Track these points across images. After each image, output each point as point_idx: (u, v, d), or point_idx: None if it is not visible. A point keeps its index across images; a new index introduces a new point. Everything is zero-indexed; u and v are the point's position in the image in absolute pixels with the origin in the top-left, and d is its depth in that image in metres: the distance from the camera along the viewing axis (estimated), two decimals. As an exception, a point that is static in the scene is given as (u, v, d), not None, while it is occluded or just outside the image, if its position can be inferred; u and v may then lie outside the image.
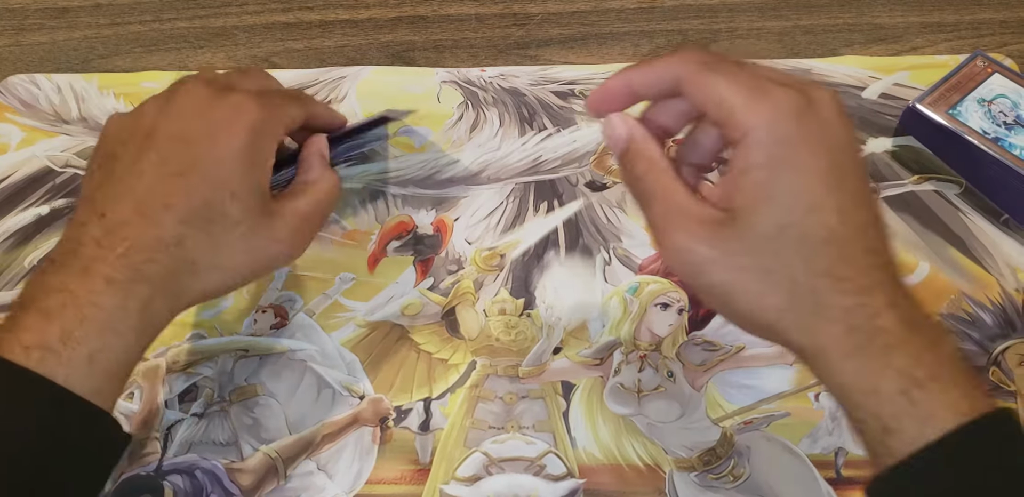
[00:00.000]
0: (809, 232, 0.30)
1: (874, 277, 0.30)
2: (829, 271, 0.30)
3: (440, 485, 0.43)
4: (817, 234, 0.30)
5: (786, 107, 0.30)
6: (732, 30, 0.62)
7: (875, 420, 0.29)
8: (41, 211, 0.54)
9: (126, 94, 0.60)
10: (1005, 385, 0.45)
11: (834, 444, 0.43)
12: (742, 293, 0.31)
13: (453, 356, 0.48)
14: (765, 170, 0.30)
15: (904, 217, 0.52)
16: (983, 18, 0.61)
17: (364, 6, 0.65)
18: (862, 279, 0.30)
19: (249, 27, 0.64)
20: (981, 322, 0.47)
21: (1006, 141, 0.50)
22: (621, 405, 0.45)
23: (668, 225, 0.32)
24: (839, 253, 0.30)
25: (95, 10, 0.65)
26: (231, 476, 0.43)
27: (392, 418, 0.45)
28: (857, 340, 0.29)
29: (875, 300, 0.30)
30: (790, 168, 0.30)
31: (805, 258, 0.30)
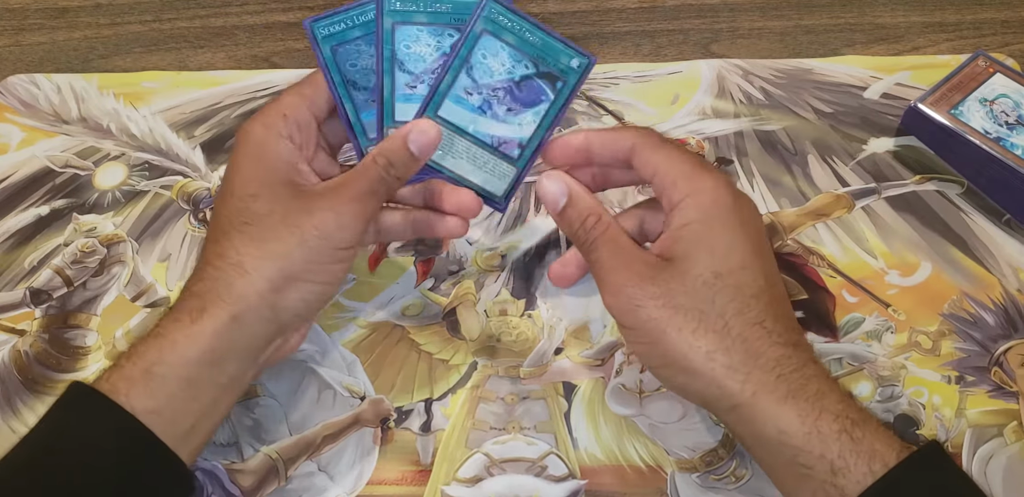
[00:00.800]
0: (743, 284, 0.33)
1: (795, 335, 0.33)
2: (760, 322, 0.32)
3: (441, 486, 0.43)
4: (749, 288, 0.33)
5: (724, 181, 0.35)
6: (733, 30, 0.62)
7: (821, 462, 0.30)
8: (41, 211, 0.54)
9: (126, 94, 0.60)
10: (1007, 386, 0.45)
11: (836, 445, 0.43)
12: (676, 330, 0.32)
13: (454, 357, 0.48)
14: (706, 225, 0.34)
15: (906, 217, 0.51)
16: (985, 18, 0.61)
17: (364, 6, 0.64)
18: (788, 334, 0.33)
19: (249, 27, 0.64)
20: (983, 322, 0.47)
21: (1008, 141, 0.50)
22: (623, 406, 0.45)
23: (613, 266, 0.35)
24: (768, 308, 0.33)
25: (95, 10, 0.65)
26: (231, 477, 0.43)
27: (393, 419, 0.45)
28: (790, 386, 0.31)
29: (800, 354, 0.32)
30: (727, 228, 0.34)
31: (738, 307, 0.32)
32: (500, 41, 0.38)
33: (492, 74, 0.38)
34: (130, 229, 0.53)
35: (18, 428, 0.45)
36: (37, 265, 0.52)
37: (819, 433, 0.30)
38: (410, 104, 0.39)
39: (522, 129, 0.39)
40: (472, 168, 0.40)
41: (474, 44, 0.38)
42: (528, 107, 0.38)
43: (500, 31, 0.37)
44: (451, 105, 0.39)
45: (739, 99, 0.57)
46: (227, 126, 0.58)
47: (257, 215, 0.36)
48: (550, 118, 0.39)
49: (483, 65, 0.38)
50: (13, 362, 0.48)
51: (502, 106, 0.38)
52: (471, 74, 0.38)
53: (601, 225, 0.36)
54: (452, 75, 0.38)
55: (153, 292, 0.51)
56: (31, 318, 0.50)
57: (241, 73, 0.61)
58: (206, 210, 0.54)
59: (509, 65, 0.38)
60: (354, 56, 0.38)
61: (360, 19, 0.38)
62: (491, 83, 0.38)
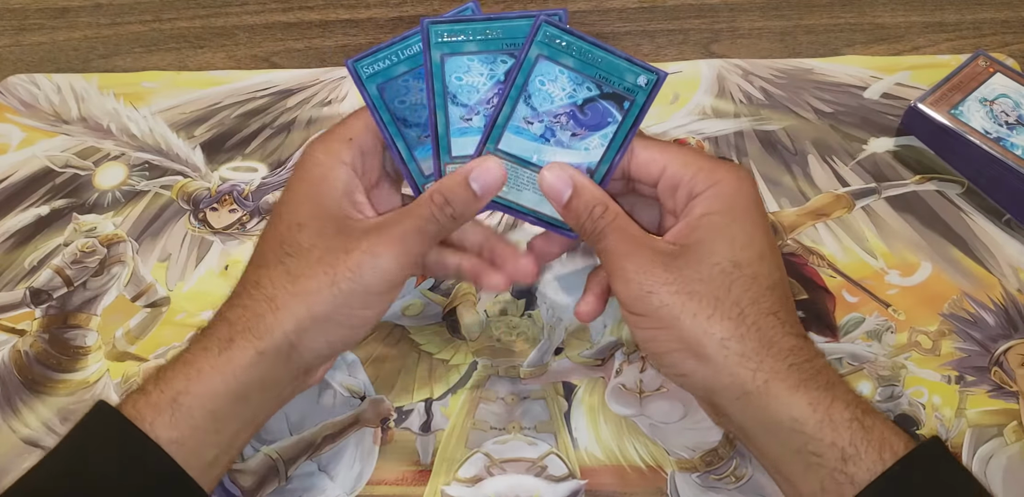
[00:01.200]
0: (759, 274, 0.33)
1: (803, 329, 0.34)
2: (774, 312, 0.33)
3: (441, 486, 0.43)
4: (766, 278, 0.33)
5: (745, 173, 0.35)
6: (733, 30, 0.62)
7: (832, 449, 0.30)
8: (41, 211, 0.54)
9: (126, 94, 0.60)
10: (1007, 385, 0.45)
11: (836, 445, 0.43)
12: (690, 316, 0.32)
13: (454, 357, 0.48)
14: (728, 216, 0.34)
15: (906, 217, 0.51)
16: (985, 18, 0.61)
17: (365, 6, 0.65)
18: (798, 327, 0.33)
19: (249, 27, 0.64)
20: (983, 322, 0.47)
21: (1008, 141, 0.50)
22: (623, 406, 0.45)
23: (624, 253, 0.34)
24: (780, 300, 0.33)
25: (95, 10, 0.65)
26: (232, 477, 0.43)
27: (393, 419, 0.45)
28: (801, 375, 0.31)
29: (809, 346, 0.33)
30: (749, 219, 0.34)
31: (753, 297, 0.32)
32: (558, 65, 0.35)
33: (552, 100, 0.36)
34: (130, 229, 0.53)
35: (18, 428, 0.45)
36: (37, 265, 0.52)
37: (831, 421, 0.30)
38: (467, 137, 0.37)
39: (589, 154, 0.36)
40: (540, 199, 0.37)
41: (530, 71, 0.35)
42: (595, 131, 0.36)
43: (557, 54, 0.35)
44: (511, 136, 0.36)
45: (739, 99, 0.57)
46: (227, 126, 0.58)
47: (300, 248, 0.35)
48: (619, 140, 0.36)
49: (542, 92, 0.35)
50: (13, 362, 0.48)
51: (566, 132, 0.36)
52: (530, 102, 0.36)
53: (609, 214, 0.35)
54: (510, 106, 0.35)
55: (153, 292, 0.51)
56: (31, 318, 0.50)
57: (241, 73, 0.61)
58: (206, 210, 0.54)
59: (570, 89, 0.35)
60: (403, 92, 0.36)
61: (405, 53, 0.36)
62: (552, 110, 0.36)
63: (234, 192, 0.55)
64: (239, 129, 0.58)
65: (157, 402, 0.33)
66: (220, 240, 0.53)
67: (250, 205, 0.54)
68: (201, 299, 0.50)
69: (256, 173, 0.56)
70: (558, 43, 0.35)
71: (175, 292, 0.51)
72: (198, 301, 0.50)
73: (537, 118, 0.36)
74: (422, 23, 0.35)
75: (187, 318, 0.49)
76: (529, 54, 0.35)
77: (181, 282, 0.51)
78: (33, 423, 0.46)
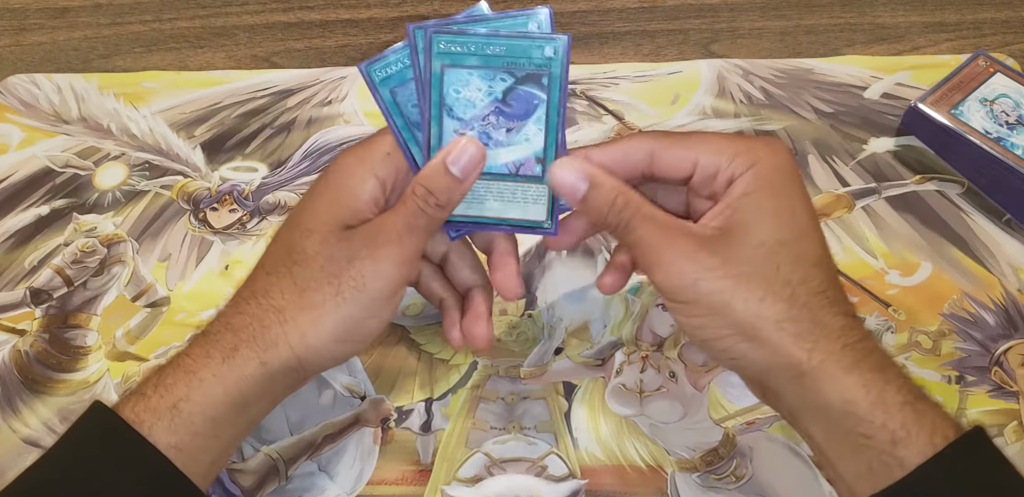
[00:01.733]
0: (806, 252, 0.32)
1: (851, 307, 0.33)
2: (823, 291, 0.32)
3: (442, 486, 0.43)
4: (811, 256, 0.32)
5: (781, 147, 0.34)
6: (733, 30, 0.62)
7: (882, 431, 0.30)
8: (41, 211, 0.54)
9: (126, 94, 0.60)
10: (1007, 385, 0.45)
11: (836, 445, 0.43)
12: (742, 300, 0.31)
13: (454, 357, 0.48)
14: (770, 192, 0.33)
15: (906, 217, 0.51)
16: (985, 18, 0.61)
17: (365, 6, 0.65)
18: (846, 305, 0.32)
19: (250, 27, 0.64)
20: (983, 322, 0.47)
21: (1008, 141, 0.50)
22: (623, 406, 0.45)
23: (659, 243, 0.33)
24: (827, 278, 0.32)
25: (95, 10, 0.65)
26: (232, 477, 0.43)
27: (393, 419, 0.45)
28: (854, 356, 0.31)
29: (860, 325, 0.32)
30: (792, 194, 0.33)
31: (802, 275, 0.32)
32: (464, 68, 0.34)
33: (474, 104, 0.35)
34: (130, 229, 0.53)
35: (19, 428, 0.45)
36: (37, 265, 0.52)
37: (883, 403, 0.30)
38: None
39: (532, 143, 0.35)
40: (503, 205, 0.36)
41: (441, 84, 0.34)
42: (526, 118, 0.35)
43: (459, 59, 0.34)
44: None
45: (739, 99, 0.57)
46: (227, 126, 0.58)
47: (305, 255, 0.34)
48: (554, 118, 0.35)
49: (460, 100, 0.34)
50: (13, 362, 0.48)
51: (500, 130, 0.35)
52: (453, 115, 0.35)
53: (632, 203, 0.33)
54: (436, 125, 0.35)
55: (153, 292, 0.51)
56: (31, 318, 0.50)
57: (241, 73, 0.61)
58: (206, 210, 0.54)
59: (486, 87, 0.34)
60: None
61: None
62: (478, 114, 0.35)
63: (234, 192, 0.55)
64: (239, 129, 0.58)
65: (157, 407, 0.33)
66: (220, 240, 0.53)
67: (250, 205, 0.54)
68: (201, 299, 0.50)
69: (256, 173, 0.56)
70: (454, 48, 0.34)
71: (175, 292, 0.51)
72: (198, 301, 0.50)
73: (467, 127, 0.35)
74: (425, 31, 0.34)
75: (187, 318, 0.49)
76: (433, 69, 0.34)
77: (181, 282, 0.51)
78: (33, 423, 0.46)
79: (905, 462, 0.29)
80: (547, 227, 0.37)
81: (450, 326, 0.39)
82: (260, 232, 0.53)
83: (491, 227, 0.37)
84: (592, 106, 0.57)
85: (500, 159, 0.35)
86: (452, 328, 0.39)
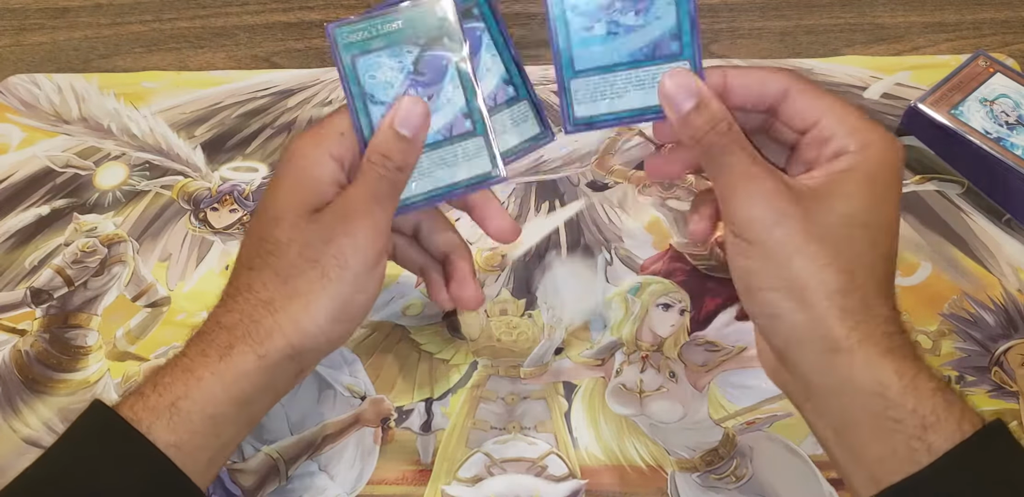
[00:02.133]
0: (879, 241, 0.32)
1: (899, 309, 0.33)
2: (881, 282, 0.32)
3: (442, 486, 0.43)
4: (883, 248, 0.32)
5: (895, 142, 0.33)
6: (733, 30, 0.62)
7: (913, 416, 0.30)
8: (41, 211, 0.54)
9: (126, 94, 0.60)
10: (1007, 385, 0.45)
11: (836, 444, 0.43)
12: (807, 258, 0.31)
13: (454, 357, 0.48)
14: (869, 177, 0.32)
15: (906, 217, 0.51)
16: (985, 18, 0.61)
17: (365, 5, 0.65)
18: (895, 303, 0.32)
19: (250, 27, 0.64)
20: (983, 322, 0.47)
21: (1008, 141, 0.50)
22: (623, 406, 0.45)
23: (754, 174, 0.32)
24: (888, 274, 0.32)
25: (95, 10, 0.65)
26: (232, 477, 0.43)
27: (393, 418, 0.45)
28: (892, 344, 0.31)
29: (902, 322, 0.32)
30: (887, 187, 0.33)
31: (870, 260, 0.32)
32: (372, 53, 0.35)
33: (392, 84, 0.35)
34: (131, 229, 0.53)
35: (19, 428, 0.45)
36: (38, 265, 0.52)
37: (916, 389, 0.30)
38: None
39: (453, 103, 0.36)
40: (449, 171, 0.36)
41: (355, 75, 0.35)
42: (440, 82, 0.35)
43: (365, 45, 0.35)
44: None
45: (739, 99, 0.57)
46: (227, 126, 0.58)
47: (279, 244, 0.34)
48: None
49: (378, 84, 0.35)
50: (14, 362, 0.48)
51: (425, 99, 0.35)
52: (377, 100, 0.35)
53: (736, 131, 0.33)
54: (364, 117, 0.35)
55: (154, 292, 0.51)
56: (32, 318, 0.50)
57: (241, 73, 0.61)
58: (206, 210, 0.54)
59: (396, 65, 0.35)
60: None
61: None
62: (397, 92, 0.35)
63: (235, 192, 0.55)
64: (239, 129, 0.58)
65: (155, 406, 0.33)
66: (221, 240, 0.53)
67: (251, 205, 0.54)
68: (202, 299, 0.50)
69: (256, 173, 0.56)
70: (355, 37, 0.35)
71: (176, 292, 0.51)
72: (199, 301, 0.50)
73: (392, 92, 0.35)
74: (327, 29, 0.35)
75: (188, 318, 0.49)
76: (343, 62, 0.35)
77: (182, 282, 0.51)
78: (34, 423, 0.46)
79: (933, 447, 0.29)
80: (495, 175, 0.36)
81: (436, 291, 0.40)
82: (260, 232, 0.53)
83: (445, 196, 0.37)
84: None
85: (433, 128, 0.36)
86: (439, 292, 0.40)
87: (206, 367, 0.33)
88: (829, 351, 0.31)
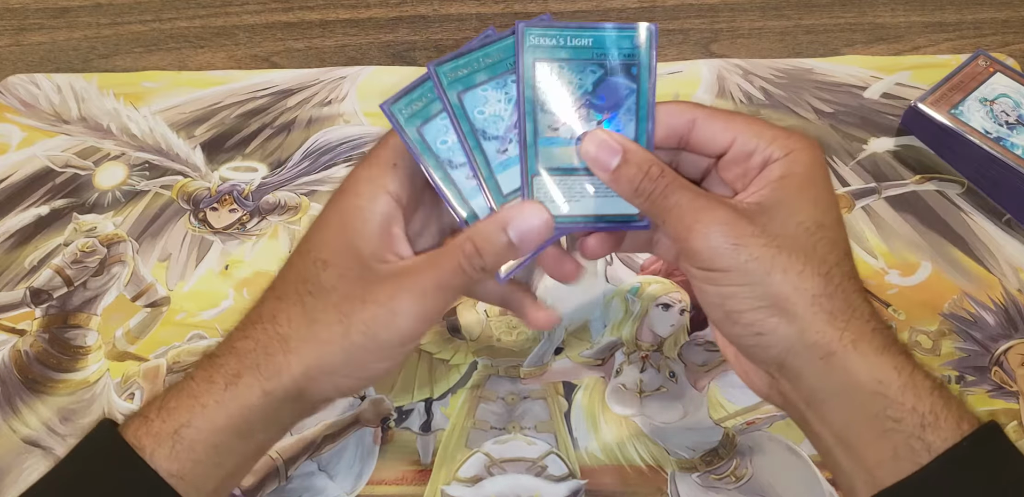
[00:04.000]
0: (839, 239, 0.32)
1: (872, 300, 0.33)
2: (853, 276, 0.32)
3: (442, 486, 0.43)
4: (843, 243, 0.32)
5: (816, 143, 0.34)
6: (733, 30, 0.62)
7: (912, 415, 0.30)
8: (41, 211, 0.54)
9: (126, 94, 0.60)
10: (1007, 385, 0.45)
11: (836, 444, 0.43)
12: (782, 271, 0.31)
13: (454, 357, 0.48)
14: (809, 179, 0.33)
15: (906, 217, 0.51)
16: (985, 18, 0.61)
17: (365, 6, 0.65)
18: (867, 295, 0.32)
19: (250, 27, 0.64)
20: (983, 322, 0.47)
21: (1008, 141, 0.50)
22: (623, 406, 0.45)
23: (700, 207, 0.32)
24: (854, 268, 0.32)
25: (95, 10, 0.65)
26: (232, 477, 0.43)
27: (393, 419, 0.45)
28: (883, 340, 0.31)
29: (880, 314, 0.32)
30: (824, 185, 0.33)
31: (836, 258, 0.32)
32: (555, 62, 0.34)
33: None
34: (130, 229, 0.53)
35: (18, 428, 0.45)
36: (37, 265, 0.52)
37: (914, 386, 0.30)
38: (511, 169, 0.34)
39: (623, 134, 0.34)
40: (602, 201, 0.35)
41: (533, 79, 0.33)
42: (617, 109, 0.34)
43: (550, 52, 0.34)
44: (547, 150, 0.34)
45: (739, 99, 0.57)
46: (227, 126, 0.58)
47: (321, 288, 0.33)
48: (644, 107, 0.34)
49: (552, 94, 0.34)
50: (13, 362, 0.48)
51: (591, 123, 0.34)
52: (547, 109, 0.34)
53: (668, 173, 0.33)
54: (530, 122, 0.34)
55: (153, 292, 0.51)
56: (31, 318, 0.50)
57: (241, 73, 0.61)
58: (206, 210, 0.54)
59: (576, 80, 0.34)
60: (481, 102, 0.34)
61: (485, 61, 0.34)
62: (570, 107, 0.34)
63: (234, 192, 0.55)
64: (239, 129, 0.58)
65: (159, 432, 0.32)
66: (220, 240, 0.53)
67: (250, 205, 0.54)
68: (201, 299, 0.50)
69: (256, 173, 0.56)
70: (545, 41, 0.34)
71: (175, 292, 0.51)
72: (198, 301, 0.50)
73: (560, 122, 0.34)
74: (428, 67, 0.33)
75: (187, 318, 0.49)
76: (525, 62, 0.33)
77: (181, 282, 0.51)
78: (33, 423, 0.46)
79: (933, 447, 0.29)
80: (640, 221, 0.35)
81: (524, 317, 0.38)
82: (260, 232, 0.53)
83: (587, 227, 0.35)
84: (592, 106, 0.57)
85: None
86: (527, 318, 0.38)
87: (211, 394, 0.33)
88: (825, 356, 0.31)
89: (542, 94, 0.34)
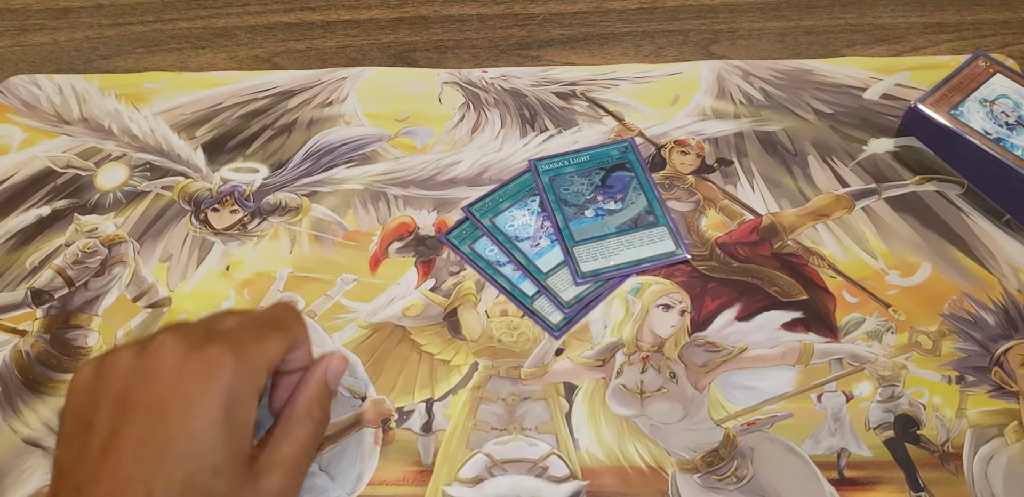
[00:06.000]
0: None
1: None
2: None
3: (442, 486, 0.43)
4: None
5: None
6: (733, 30, 0.62)
7: None
8: (42, 212, 0.54)
9: (127, 95, 0.60)
10: (1008, 386, 0.45)
11: (837, 445, 0.43)
12: None
13: (455, 357, 0.48)
14: None
15: (906, 217, 0.52)
16: (984, 18, 0.61)
17: (366, 6, 0.65)
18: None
19: (251, 27, 0.64)
20: (983, 322, 0.47)
21: (1008, 141, 0.50)
22: (623, 406, 0.45)
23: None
24: None
25: (97, 10, 0.65)
26: (233, 477, 0.43)
27: (394, 419, 0.45)
28: None
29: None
30: None
31: None
32: (566, 175, 0.52)
33: (583, 192, 0.51)
34: (131, 229, 0.53)
35: (19, 428, 0.45)
36: (38, 265, 0.52)
37: None
38: (544, 256, 0.49)
39: (639, 203, 0.50)
40: (638, 249, 0.49)
41: (553, 188, 0.51)
42: (626, 190, 0.51)
43: (560, 170, 0.52)
44: (580, 228, 0.50)
45: (739, 100, 0.57)
46: (228, 127, 0.58)
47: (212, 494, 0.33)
48: (647, 185, 0.51)
49: (571, 192, 0.51)
50: (14, 362, 0.48)
51: (610, 202, 0.50)
52: (571, 202, 0.51)
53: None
54: (559, 213, 0.50)
55: (154, 292, 0.51)
56: (32, 318, 0.50)
57: (242, 74, 0.61)
58: (207, 211, 0.54)
59: (586, 181, 0.52)
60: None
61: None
62: (588, 197, 0.51)
63: (235, 193, 0.55)
64: (240, 130, 0.58)
65: None
66: (221, 241, 0.53)
67: (251, 206, 0.54)
68: (202, 299, 0.50)
69: (257, 174, 0.56)
70: (554, 165, 0.53)
71: (176, 292, 0.51)
72: (199, 301, 0.50)
73: (582, 209, 0.50)
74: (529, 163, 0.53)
75: (188, 319, 0.49)
76: (543, 180, 0.52)
77: (182, 282, 0.51)
78: (34, 423, 0.46)
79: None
80: (679, 254, 0.49)
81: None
82: (261, 233, 0.53)
83: (631, 268, 0.48)
84: (592, 107, 0.58)
85: (620, 221, 0.50)
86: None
87: None
88: None
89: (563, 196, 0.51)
